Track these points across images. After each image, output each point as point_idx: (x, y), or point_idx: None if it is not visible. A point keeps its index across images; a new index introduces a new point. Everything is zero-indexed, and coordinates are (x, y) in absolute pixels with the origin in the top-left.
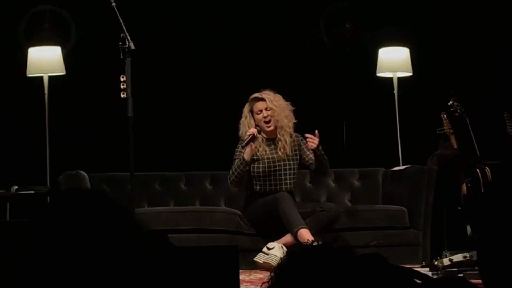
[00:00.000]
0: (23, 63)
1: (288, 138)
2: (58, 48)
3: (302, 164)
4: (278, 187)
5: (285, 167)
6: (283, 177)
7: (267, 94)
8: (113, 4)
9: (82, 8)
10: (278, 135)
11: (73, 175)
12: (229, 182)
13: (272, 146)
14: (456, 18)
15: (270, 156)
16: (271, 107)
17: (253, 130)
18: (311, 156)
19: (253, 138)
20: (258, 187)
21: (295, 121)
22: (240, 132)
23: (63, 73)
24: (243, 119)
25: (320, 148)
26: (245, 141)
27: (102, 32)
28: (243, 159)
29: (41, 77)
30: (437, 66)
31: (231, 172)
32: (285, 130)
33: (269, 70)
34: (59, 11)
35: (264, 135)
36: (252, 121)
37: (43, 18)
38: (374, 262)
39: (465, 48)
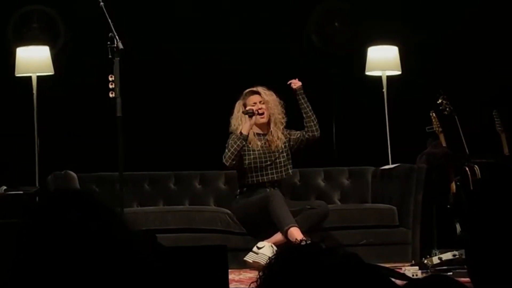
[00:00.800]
0: (12, 63)
1: (280, 134)
2: (47, 48)
3: (298, 147)
4: (270, 178)
5: (276, 160)
6: (274, 170)
7: (261, 88)
8: (102, 3)
9: (70, 8)
10: (271, 130)
11: (62, 175)
12: (224, 160)
13: (263, 141)
14: (444, 17)
15: (261, 150)
16: (266, 100)
17: (253, 107)
18: (299, 132)
19: (251, 114)
20: (249, 180)
21: (285, 118)
22: (232, 126)
23: (51, 73)
24: (235, 113)
25: (302, 91)
26: (246, 111)
27: (91, 31)
28: (242, 133)
29: (30, 77)
30: (426, 64)
31: (226, 150)
32: (278, 126)
33: (258, 68)
34: (47, 11)
35: (257, 129)
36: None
37: (31, 18)
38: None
39: (454, 47)
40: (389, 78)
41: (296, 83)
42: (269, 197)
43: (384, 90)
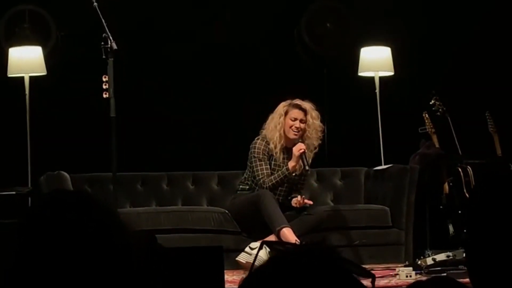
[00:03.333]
0: (4, 63)
1: (311, 154)
2: (39, 48)
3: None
4: (277, 193)
5: (298, 181)
6: (295, 189)
7: (310, 108)
8: (95, 4)
9: (63, 7)
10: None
11: (54, 176)
12: (265, 186)
13: (286, 156)
14: (437, 17)
15: (282, 164)
16: (307, 121)
17: (303, 147)
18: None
19: (305, 156)
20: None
21: (320, 142)
22: (266, 126)
23: (44, 73)
24: (276, 116)
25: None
26: (304, 161)
27: (84, 32)
28: (289, 172)
29: (22, 77)
30: (419, 65)
31: (267, 180)
32: (310, 149)
33: (251, 69)
34: (39, 11)
35: (284, 143)
36: (284, 122)
37: (23, 18)
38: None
39: (447, 47)
40: (382, 79)
41: (300, 204)
42: (260, 196)
43: (377, 90)
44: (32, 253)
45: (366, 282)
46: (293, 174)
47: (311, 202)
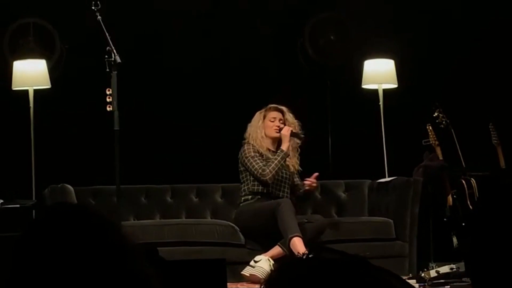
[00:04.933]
0: (8, 76)
1: (294, 158)
2: (43, 61)
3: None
4: (280, 193)
5: (286, 176)
6: (286, 185)
7: (286, 109)
8: (99, 17)
9: (67, 21)
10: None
11: (58, 189)
12: (267, 178)
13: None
14: (440, 30)
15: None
16: (286, 120)
17: (289, 128)
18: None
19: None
20: (265, 189)
21: (299, 142)
22: (247, 134)
23: (48, 86)
24: (255, 122)
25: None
26: (296, 135)
27: (88, 45)
28: (285, 153)
29: (26, 91)
30: (422, 77)
31: (269, 167)
32: (294, 147)
33: (255, 81)
34: (43, 24)
35: (270, 145)
36: (262, 126)
37: (27, 31)
38: (358, 272)
39: (450, 60)
40: (386, 91)
41: (311, 186)
42: (280, 203)
43: (381, 103)
44: (33, 266)
45: None
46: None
47: (315, 179)
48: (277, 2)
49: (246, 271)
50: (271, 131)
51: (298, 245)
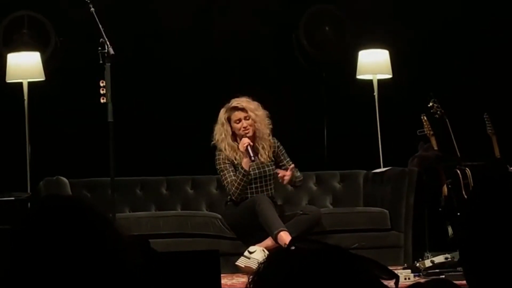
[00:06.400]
0: (2, 69)
1: (267, 146)
2: (37, 53)
3: (278, 166)
4: (265, 190)
5: (267, 172)
6: (268, 182)
7: (247, 103)
8: (92, 9)
9: (60, 13)
10: (256, 144)
11: (53, 181)
12: (233, 197)
13: (257, 155)
14: (434, 20)
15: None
16: (250, 117)
17: (247, 141)
18: (285, 163)
19: (251, 148)
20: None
21: (271, 126)
22: (215, 138)
23: (42, 78)
24: (219, 126)
25: (295, 174)
26: (249, 154)
27: (81, 37)
28: (244, 170)
29: (21, 83)
30: (417, 68)
31: (233, 187)
32: (265, 138)
33: (250, 73)
34: (37, 16)
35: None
36: (229, 128)
37: (21, 23)
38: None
39: (445, 50)
40: (380, 81)
41: (285, 178)
42: (256, 201)
43: (375, 93)
44: (25, 259)
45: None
46: (250, 171)
47: (290, 171)
48: None
49: (241, 262)
50: (240, 134)
51: (285, 238)
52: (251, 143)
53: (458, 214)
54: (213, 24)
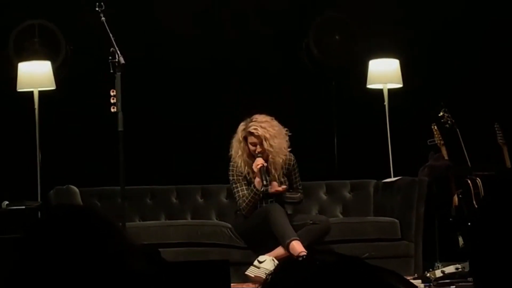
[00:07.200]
0: (13, 78)
1: (279, 170)
2: (48, 62)
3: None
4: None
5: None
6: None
7: (263, 130)
8: (103, 18)
9: (72, 22)
10: (269, 166)
11: (64, 190)
12: (243, 212)
13: (269, 178)
14: (445, 30)
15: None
16: (266, 147)
17: (261, 162)
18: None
19: (263, 170)
20: None
21: (289, 149)
22: (231, 151)
23: (53, 87)
24: (236, 142)
25: (285, 194)
26: (261, 178)
27: (92, 46)
28: (256, 189)
29: (31, 92)
30: (428, 77)
31: (243, 203)
32: (278, 164)
33: (259, 82)
34: (48, 25)
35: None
36: (246, 147)
37: (33, 32)
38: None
39: (455, 59)
40: (391, 91)
41: (273, 190)
42: (268, 209)
43: (386, 103)
44: (35, 268)
45: None
46: (262, 190)
47: (280, 189)
48: (282, 2)
49: (251, 272)
50: (255, 154)
51: (297, 248)
52: (265, 164)
53: (469, 224)
54: (223, 31)
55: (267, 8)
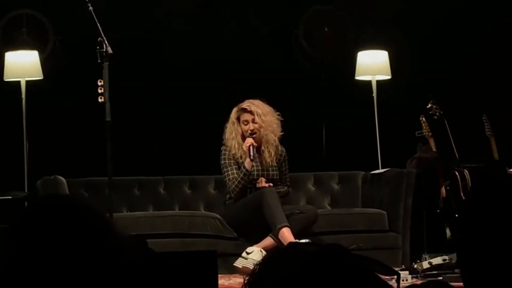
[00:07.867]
0: (0, 67)
1: (273, 151)
2: (35, 52)
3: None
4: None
5: (271, 176)
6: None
7: (256, 107)
8: (90, 8)
9: (59, 12)
10: (263, 147)
11: (51, 180)
12: (232, 194)
13: (257, 155)
14: (434, 21)
15: (254, 165)
16: (258, 122)
17: (250, 141)
18: (283, 171)
19: (253, 148)
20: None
21: (281, 133)
22: (225, 137)
23: (40, 77)
24: (230, 124)
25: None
26: (249, 154)
27: (80, 36)
28: (246, 169)
29: (19, 82)
30: (416, 69)
31: (233, 184)
32: (271, 143)
33: (248, 74)
34: (36, 15)
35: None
36: (239, 128)
37: (20, 22)
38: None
39: (443, 51)
40: (379, 82)
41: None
42: (264, 193)
43: (374, 94)
44: (22, 258)
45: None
46: (252, 171)
47: (267, 186)
48: None
49: (239, 263)
50: (247, 135)
51: (287, 235)
52: (255, 144)
53: (456, 215)
54: (212, 23)
55: (258, 1)
